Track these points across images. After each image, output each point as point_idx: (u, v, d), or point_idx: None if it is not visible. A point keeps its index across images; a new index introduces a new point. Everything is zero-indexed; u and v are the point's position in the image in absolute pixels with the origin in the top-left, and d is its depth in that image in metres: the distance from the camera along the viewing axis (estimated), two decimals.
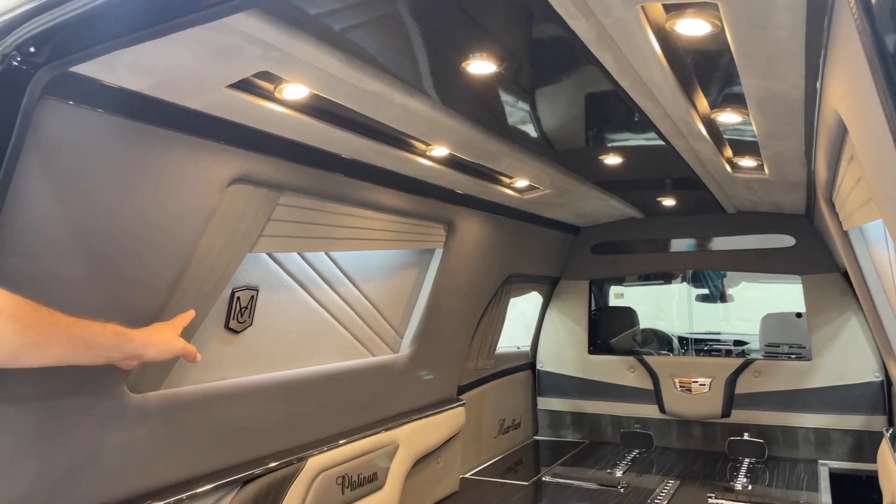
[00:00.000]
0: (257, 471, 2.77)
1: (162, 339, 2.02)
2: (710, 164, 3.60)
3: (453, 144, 3.04)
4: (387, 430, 3.63)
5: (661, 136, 3.06)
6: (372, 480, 3.39)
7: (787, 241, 5.42)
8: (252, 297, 2.85)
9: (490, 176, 3.78)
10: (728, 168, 3.64)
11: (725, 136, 3.19)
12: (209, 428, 2.62)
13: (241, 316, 2.82)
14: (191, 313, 2.27)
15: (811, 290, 5.34)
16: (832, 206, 3.16)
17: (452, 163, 3.36)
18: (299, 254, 3.12)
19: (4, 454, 1.94)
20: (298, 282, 3.13)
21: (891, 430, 3.38)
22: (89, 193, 1.96)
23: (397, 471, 3.61)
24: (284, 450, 2.98)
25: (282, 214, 2.74)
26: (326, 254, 3.30)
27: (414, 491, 4.00)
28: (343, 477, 3.19)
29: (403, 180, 3.36)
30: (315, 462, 3.04)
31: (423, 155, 3.16)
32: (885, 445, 3.13)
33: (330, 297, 3.36)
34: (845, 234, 3.14)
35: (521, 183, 3.99)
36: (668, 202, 5.13)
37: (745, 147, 3.27)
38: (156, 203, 2.16)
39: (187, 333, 2.50)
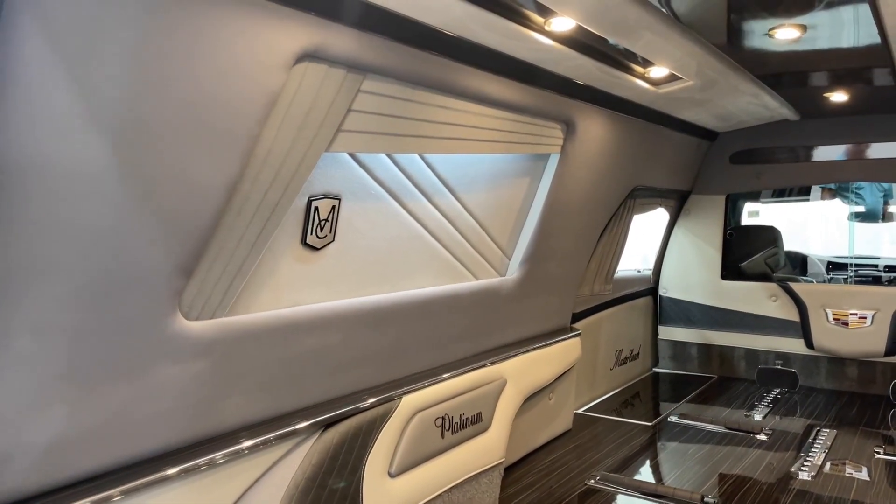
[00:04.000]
0: (341, 411, 2.34)
1: None
2: None
3: (581, 12, 2.35)
4: (493, 363, 3.14)
5: None
6: (476, 421, 2.93)
7: None
8: (333, 207, 2.36)
9: (620, 62, 3.06)
10: None
11: None
12: (282, 362, 2.20)
13: (321, 230, 2.34)
14: None
15: None
16: None
17: (575, 42, 2.68)
18: (388, 156, 2.58)
19: (21, 398, 1.58)
20: (388, 190, 2.61)
21: None
22: (109, 65, 1.48)
23: (505, 410, 3.14)
24: (374, 387, 2.55)
25: (365, 104, 2.19)
26: (421, 157, 2.75)
27: (523, 430, 3.54)
28: (443, 418, 2.74)
29: (515, 65, 2.72)
30: (410, 401, 2.60)
31: (540, 30, 2.49)
32: None
33: (426, 209, 2.83)
34: None
35: (660, 71, 3.24)
36: (838, 98, 4.18)
37: None
38: (201, 81, 1.66)
39: (249, 252, 2.07)
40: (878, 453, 3.66)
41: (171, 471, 1.86)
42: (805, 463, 3.52)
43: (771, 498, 3.12)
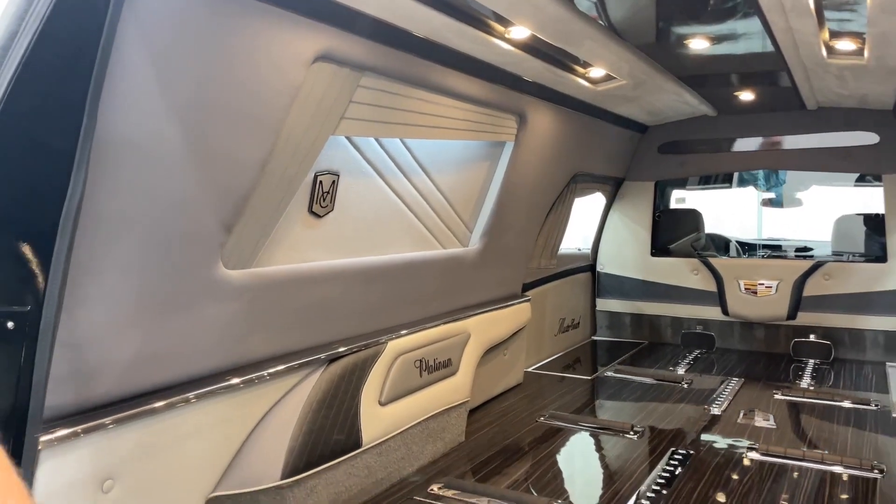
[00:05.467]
0: (341, 350, 2.85)
1: None
2: (805, 48, 3.38)
3: (535, 23, 2.90)
4: (459, 319, 3.69)
5: (759, 11, 2.87)
6: (447, 366, 3.47)
7: (870, 138, 5.16)
8: (333, 181, 2.85)
9: (565, 64, 3.64)
10: (823, 52, 3.42)
11: (827, 15, 2.97)
12: (296, 307, 2.68)
13: (324, 200, 2.83)
14: None
15: (893, 189, 5.11)
16: None
17: (529, 47, 3.23)
18: (377, 140, 3.09)
19: (110, 322, 2.02)
20: (376, 169, 3.12)
21: None
22: (184, 66, 1.94)
23: (469, 358, 3.69)
24: (365, 333, 3.06)
25: (363, 97, 2.69)
26: (402, 141, 3.26)
27: (483, 380, 4.09)
28: (420, 360, 3.27)
29: (479, 65, 3.25)
30: (394, 345, 3.12)
31: (501, 37, 3.03)
32: None
33: (405, 186, 3.34)
34: None
35: (598, 72, 3.83)
36: (746, 97, 4.89)
37: (847, 26, 3.05)
38: (245, 78, 2.13)
39: (272, 216, 2.54)
40: (777, 394, 4.38)
41: (217, 387, 2.33)
42: (716, 402, 4.20)
43: (686, 426, 3.77)
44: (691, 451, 3.37)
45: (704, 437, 3.62)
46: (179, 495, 2.26)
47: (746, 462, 3.26)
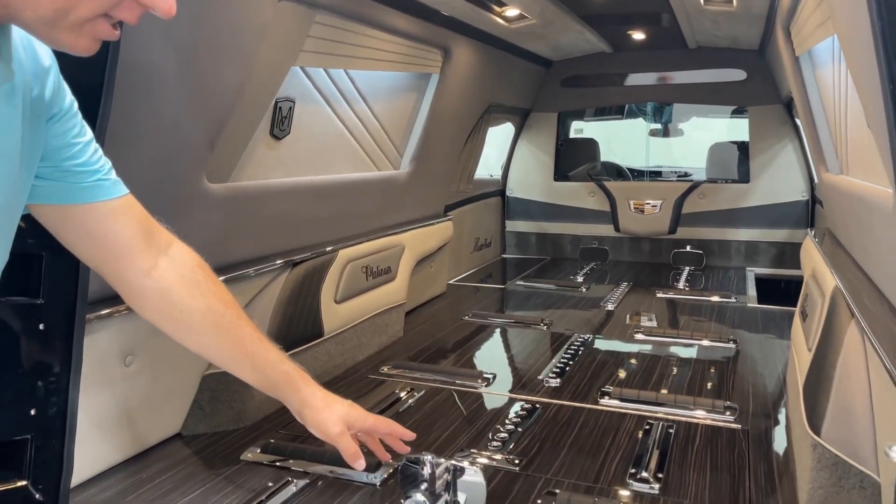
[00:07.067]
0: (302, 256, 3.28)
1: (325, 418, 1.61)
2: None
3: None
4: (395, 234, 4.18)
5: None
6: (387, 272, 3.98)
7: (739, 75, 5.95)
8: (290, 107, 3.21)
9: (485, 3, 4.08)
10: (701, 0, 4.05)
11: None
12: (264, 218, 3.08)
13: (283, 124, 3.20)
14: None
15: (756, 120, 5.96)
16: (788, 34, 3.65)
17: None
18: (325, 70, 3.45)
19: None
20: (324, 97, 3.49)
21: (811, 231, 4.14)
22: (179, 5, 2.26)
23: (404, 267, 4.21)
24: (321, 242, 3.49)
25: (317, 32, 3.05)
26: (346, 72, 3.63)
27: (414, 288, 4.63)
28: (366, 267, 3.75)
29: (412, 3, 3.65)
30: (344, 254, 3.58)
31: None
32: (807, 239, 3.88)
33: (347, 113, 3.73)
34: (796, 60, 3.66)
35: (513, 11, 4.31)
36: (638, 36, 5.51)
37: None
38: (227, 15, 2.46)
39: (245, 136, 2.90)
40: (659, 294, 5.20)
41: None
42: (609, 301, 4.97)
43: (585, 319, 4.50)
44: (591, 337, 4.09)
45: (601, 328, 4.35)
46: (182, 372, 2.68)
47: (634, 342, 4.01)
